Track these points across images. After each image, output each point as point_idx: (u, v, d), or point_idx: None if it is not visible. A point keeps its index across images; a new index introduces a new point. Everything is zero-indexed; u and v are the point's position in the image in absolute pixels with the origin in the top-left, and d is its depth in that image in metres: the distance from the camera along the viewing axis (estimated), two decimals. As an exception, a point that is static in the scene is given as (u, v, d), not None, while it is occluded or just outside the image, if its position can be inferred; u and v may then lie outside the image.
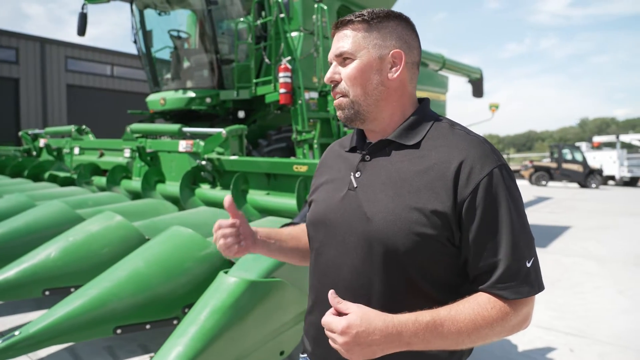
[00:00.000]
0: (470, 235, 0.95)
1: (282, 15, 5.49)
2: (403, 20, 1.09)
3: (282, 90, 5.17)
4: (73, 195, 4.12)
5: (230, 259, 2.26)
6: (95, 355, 3.12)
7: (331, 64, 1.11)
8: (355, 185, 1.07)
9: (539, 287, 0.96)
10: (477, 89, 13.28)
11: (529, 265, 0.95)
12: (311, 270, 1.19)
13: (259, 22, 5.96)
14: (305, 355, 1.21)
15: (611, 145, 24.52)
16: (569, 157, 20.88)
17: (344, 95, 1.08)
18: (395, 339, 0.88)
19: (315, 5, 5.49)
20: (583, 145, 24.98)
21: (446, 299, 0.96)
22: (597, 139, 26.48)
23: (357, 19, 1.06)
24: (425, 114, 1.10)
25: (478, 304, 0.93)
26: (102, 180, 4.88)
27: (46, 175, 5.45)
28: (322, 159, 1.28)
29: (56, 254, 2.42)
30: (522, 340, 3.62)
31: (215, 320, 1.62)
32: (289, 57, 5.33)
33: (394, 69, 1.06)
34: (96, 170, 5.17)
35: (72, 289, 2.40)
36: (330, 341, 0.91)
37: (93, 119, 17.60)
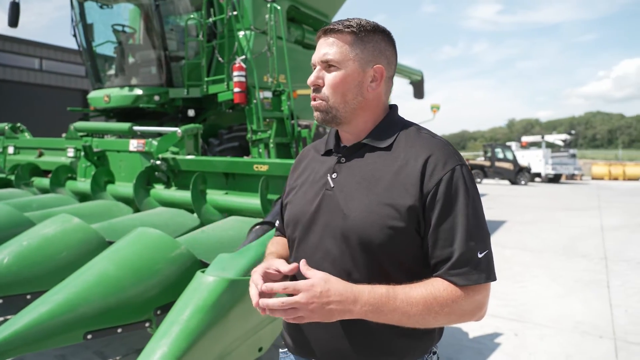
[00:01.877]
0: (431, 226, 1.04)
1: (235, 13, 5.44)
2: (386, 36, 1.16)
3: (236, 90, 5.13)
4: (13, 198, 3.86)
5: (201, 260, 2.25)
6: (48, 366, 2.96)
7: (314, 66, 1.16)
8: (332, 185, 1.14)
9: (489, 277, 1.03)
10: (419, 91, 13.80)
11: (480, 255, 1.03)
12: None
13: (211, 19, 5.86)
14: (286, 349, 1.26)
15: (537, 144, 26.29)
16: (500, 155, 22.22)
17: (324, 99, 1.14)
18: (350, 303, 0.96)
19: (268, 5, 5.49)
20: (513, 145, 26.65)
21: None
22: (525, 138, 28.35)
23: (347, 29, 1.12)
24: (394, 119, 1.19)
25: (432, 286, 1.01)
26: (43, 181, 4.59)
27: (-22, 176, 5.03)
28: (296, 162, 1.34)
29: (10, 260, 2.27)
30: (473, 327, 3.86)
31: (198, 320, 1.62)
32: (243, 56, 5.30)
33: (374, 83, 1.14)
34: (36, 170, 4.86)
35: (29, 296, 2.27)
36: (286, 307, 0.95)
37: (22, 116, 16.29)
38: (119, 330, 1.97)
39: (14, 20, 6.32)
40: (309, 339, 1.16)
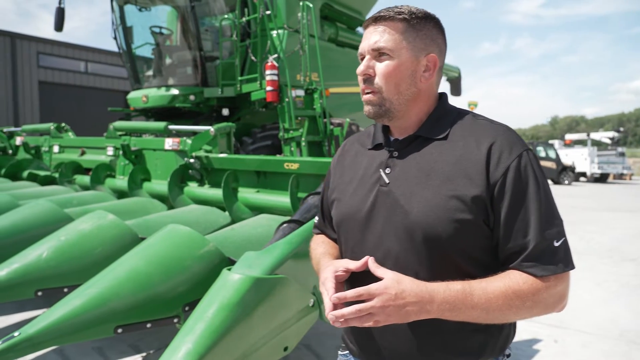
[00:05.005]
0: (501, 217, 0.98)
1: (268, 12, 5.47)
2: (437, 23, 1.11)
3: (269, 88, 5.16)
4: (56, 195, 4.02)
5: (229, 257, 2.26)
6: (85, 356, 3.07)
7: (362, 57, 1.10)
8: (387, 181, 1.08)
9: (568, 265, 0.98)
10: (456, 88, 13.49)
11: (557, 244, 0.98)
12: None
13: (244, 19, 5.92)
14: (347, 352, 1.22)
15: (582, 142, 25.26)
16: (542, 154, 21.43)
17: (376, 91, 1.08)
18: (427, 302, 0.92)
19: (301, 3, 5.49)
20: (556, 143, 25.68)
21: None
22: (569, 136, 27.27)
23: (398, 16, 1.06)
24: (447, 108, 1.13)
25: (510, 279, 0.96)
26: (84, 178, 4.77)
27: (25, 174, 5.29)
28: (338, 156, 1.28)
29: (48, 254, 2.37)
30: (508, 332, 3.71)
31: (222, 317, 1.62)
32: (275, 55, 5.33)
33: (427, 72, 1.08)
34: (78, 168, 5.05)
35: (66, 289, 2.35)
36: (363, 313, 0.92)
37: (68, 116, 17.09)
38: (148, 325, 2.01)
39: (59, 25, 6.59)
40: (376, 343, 1.11)
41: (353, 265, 1.04)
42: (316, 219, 1.38)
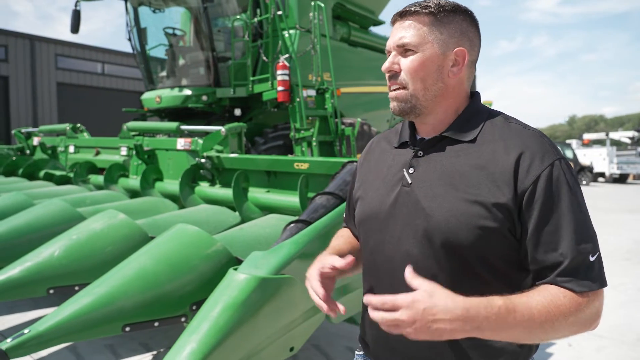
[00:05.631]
0: (531, 228, 0.93)
1: (279, 12, 5.48)
2: (468, 16, 1.06)
3: (280, 88, 5.17)
4: (71, 194, 4.09)
5: (237, 257, 2.27)
6: (97, 354, 3.11)
7: (389, 53, 1.08)
8: (409, 182, 1.05)
9: (603, 282, 0.93)
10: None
11: (592, 259, 0.92)
12: (366, 269, 1.16)
13: (256, 19, 5.94)
14: (362, 353, 1.20)
15: (601, 142, 24.80)
16: (559, 154, 21.06)
17: (402, 87, 1.05)
18: (466, 322, 0.83)
19: (312, 3, 5.48)
20: (573, 143, 25.25)
21: (511, 293, 0.92)
22: (587, 136, 26.81)
23: (424, 10, 1.03)
24: (478, 108, 1.08)
25: (550, 293, 0.89)
26: (99, 178, 4.84)
27: (41, 173, 5.39)
28: (365, 153, 1.26)
29: (60, 253, 2.40)
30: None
31: (227, 317, 1.62)
32: (287, 55, 5.33)
33: (455, 67, 1.04)
34: (93, 168, 5.12)
35: (77, 288, 2.39)
36: (390, 323, 0.85)
37: (84, 117, 17.37)
38: (156, 324, 2.03)
39: (75, 27, 6.70)
40: (392, 346, 1.08)
41: (339, 263, 1.02)
42: (345, 214, 1.37)
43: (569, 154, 20.90)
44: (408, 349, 1.04)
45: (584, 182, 20.42)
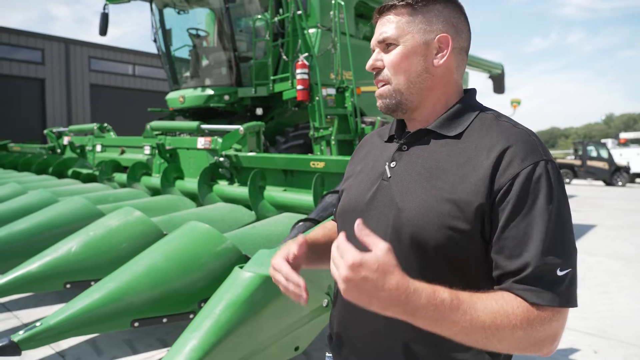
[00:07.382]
0: (498, 230, 0.87)
1: (299, 12, 5.48)
2: (450, 3, 1.03)
3: (299, 87, 5.17)
4: (95, 192, 4.20)
5: (246, 255, 2.27)
6: (115, 348, 3.18)
7: (373, 51, 1.06)
8: (389, 175, 1.01)
9: (568, 301, 0.83)
10: (498, 85, 13.08)
11: (560, 274, 0.83)
12: None
13: (276, 19, 5.97)
14: (331, 355, 1.16)
15: (639, 142, 23.81)
16: (594, 154, 20.34)
17: (387, 83, 1.03)
18: (400, 304, 0.77)
19: (333, 1, 5.46)
20: (609, 142, 24.36)
21: None
22: (624, 135, 25.80)
23: (401, 3, 1.00)
24: (470, 104, 1.03)
25: (503, 299, 0.82)
26: (122, 176, 4.96)
27: (70, 172, 5.57)
28: (358, 147, 1.24)
29: (77, 248, 2.47)
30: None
31: (230, 315, 1.63)
32: (306, 54, 5.33)
33: (439, 54, 1.00)
34: (117, 167, 5.26)
35: (92, 282, 2.44)
36: (332, 265, 0.79)
37: (115, 117, 17.90)
38: (164, 320, 2.05)
39: (103, 30, 6.89)
40: (351, 344, 1.05)
41: (297, 251, 0.99)
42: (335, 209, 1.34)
43: (603, 153, 20.15)
44: (369, 344, 1.01)
45: (620, 184, 19.62)
